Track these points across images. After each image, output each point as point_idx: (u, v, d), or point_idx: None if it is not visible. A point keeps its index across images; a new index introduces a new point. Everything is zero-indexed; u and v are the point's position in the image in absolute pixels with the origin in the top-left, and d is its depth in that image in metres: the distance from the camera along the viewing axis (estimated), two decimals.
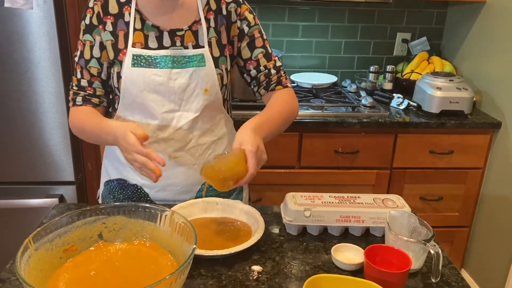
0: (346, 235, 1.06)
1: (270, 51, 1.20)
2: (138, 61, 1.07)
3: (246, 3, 1.19)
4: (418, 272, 0.93)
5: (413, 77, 2.30)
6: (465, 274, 2.29)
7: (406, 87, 2.29)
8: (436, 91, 2.00)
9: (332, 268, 0.94)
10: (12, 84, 1.71)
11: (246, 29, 1.16)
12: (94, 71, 1.12)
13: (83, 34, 1.11)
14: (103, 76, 1.13)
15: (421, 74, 2.25)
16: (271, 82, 1.19)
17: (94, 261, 0.86)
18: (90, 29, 1.10)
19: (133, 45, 1.08)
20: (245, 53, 1.18)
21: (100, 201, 1.28)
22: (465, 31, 2.31)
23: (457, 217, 2.19)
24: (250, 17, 1.17)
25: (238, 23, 1.15)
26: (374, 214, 1.03)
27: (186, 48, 1.10)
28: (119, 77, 1.09)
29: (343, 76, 2.53)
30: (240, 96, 2.02)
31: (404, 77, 2.34)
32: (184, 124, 1.11)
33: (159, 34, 1.09)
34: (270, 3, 2.37)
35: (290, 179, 2.04)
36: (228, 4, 1.14)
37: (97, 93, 1.13)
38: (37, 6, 1.63)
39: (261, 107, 1.98)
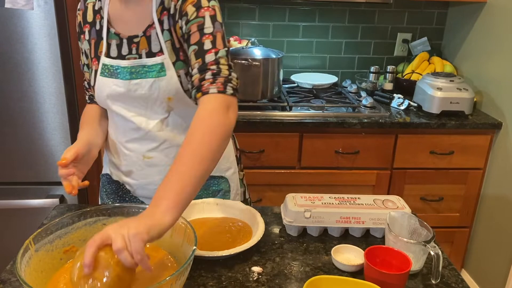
0: (346, 236, 1.06)
1: (207, 47, 0.95)
2: (103, 70, 1.06)
3: None
4: (418, 273, 0.93)
5: (414, 77, 2.30)
6: (465, 275, 2.29)
7: (406, 88, 2.29)
8: (436, 91, 2.00)
9: (332, 269, 0.94)
10: (13, 85, 1.71)
11: (184, 26, 0.99)
12: (87, 75, 1.15)
13: (78, 41, 1.15)
14: None
15: (421, 75, 2.25)
16: (192, 88, 0.96)
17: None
18: (79, 37, 1.14)
19: (100, 54, 1.07)
20: (187, 53, 1.01)
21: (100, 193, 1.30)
22: (465, 31, 2.31)
23: (457, 217, 2.19)
24: (191, 11, 0.97)
25: (179, 22, 1.00)
26: (374, 215, 1.03)
27: (140, 56, 1.03)
28: (93, 85, 1.11)
29: (343, 76, 2.53)
30: (240, 96, 2.02)
31: (405, 77, 2.34)
32: (153, 126, 1.08)
33: (119, 42, 1.05)
34: (271, 4, 2.37)
35: (290, 180, 2.04)
36: (177, 1, 1.00)
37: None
38: (38, 7, 1.63)
39: (262, 108, 1.99)
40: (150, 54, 1.03)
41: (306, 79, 2.36)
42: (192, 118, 0.94)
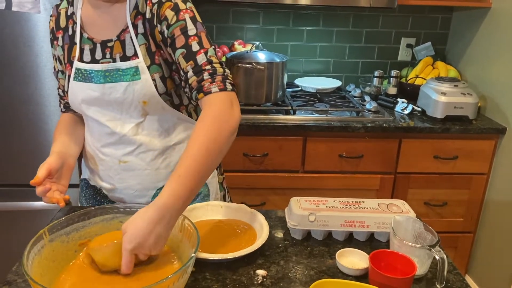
0: (350, 240, 1.06)
1: (195, 48, 0.97)
2: (77, 75, 1.06)
3: None
4: (423, 278, 0.93)
5: (418, 82, 2.30)
6: (469, 280, 2.28)
7: (410, 92, 2.29)
8: (440, 96, 2.00)
9: (337, 273, 0.94)
10: (19, 87, 1.72)
11: (165, 31, 0.99)
12: (62, 82, 1.14)
13: (51, 47, 1.15)
14: None
15: (425, 79, 2.25)
16: (192, 90, 0.98)
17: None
18: (52, 43, 1.14)
19: (72, 59, 1.07)
20: (173, 56, 1.01)
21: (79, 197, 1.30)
22: (470, 36, 2.31)
23: (461, 222, 2.18)
24: (170, 15, 0.98)
25: (159, 27, 1.00)
26: (379, 219, 1.03)
27: (114, 60, 1.03)
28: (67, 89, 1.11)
29: (347, 80, 2.54)
30: (244, 100, 2.03)
31: (409, 82, 2.34)
32: (129, 130, 1.07)
33: (93, 47, 1.05)
34: (275, 8, 2.38)
35: (294, 183, 2.04)
36: (153, 5, 1.01)
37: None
38: (44, 10, 1.64)
39: (266, 111, 1.99)
40: (125, 58, 1.03)
41: (310, 83, 2.37)
42: (167, 122, 1.08)
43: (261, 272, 0.92)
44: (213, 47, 0.99)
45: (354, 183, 2.06)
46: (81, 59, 1.06)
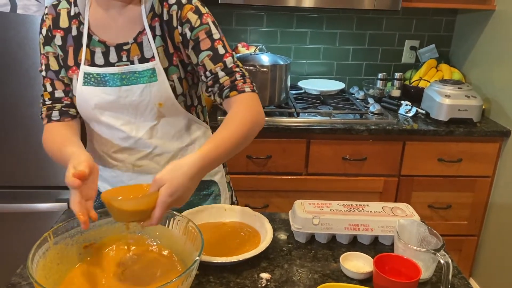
0: (354, 244, 1.05)
1: (221, 52, 1.03)
2: (88, 79, 1.03)
3: (193, 1, 1.04)
4: (427, 281, 0.93)
5: (422, 84, 2.29)
6: (473, 283, 2.27)
7: (414, 95, 2.29)
8: (444, 98, 2.00)
9: (341, 276, 0.94)
10: (24, 89, 1.73)
11: (188, 33, 1.02)
12: (67, 80, 1.08)
13: (44, 47, 1.07)
14: None
15: (429, 82, 2.25)
16: (224, 88, 1.03)
17: (106, 266, 0.87)
18: (49, 40, 1.07)
19: (79, 61, 1.04)
20: (193, 58, 1.04)
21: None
22: (474, 38, 2.31)
23: (465, 225, 2.17)
24: (193, 18, 1.01)
25: (179, 28, 1.02)
26: (383, 222, 1.03)
27: (133, 62, 1.02)
28: (73, 94, 1.07)
29: (351, 83, 2.54)
30: None
31: (412, 84, 2.33)
32: (143, 134, 1.07)
33: (105, 50, 1.03)
34: (278, 10, 2.38)
35: (297, 186, 2.04)
36: (170, 7, 1.02)
37: (74, 101, 1.08)
38: None
39: (270, 113, 1.99)
40: (143, 60, 1.03)
41: (314, 85, 2.37)
42: (180, 124, 1.09)
43: (265, 275, 0.92)
44: (233, 52, 1.07)
45: (357, 186, 2.05)
46: (92, 63, 1.04)
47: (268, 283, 0.90)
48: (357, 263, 0.96)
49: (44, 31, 1.07)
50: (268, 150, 1.97)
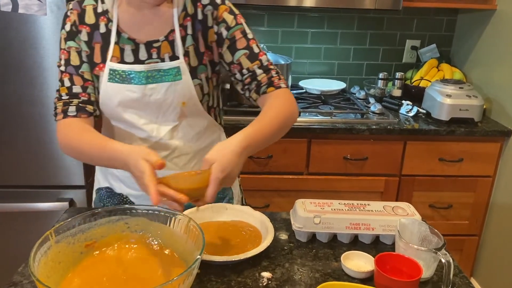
0: (355, 243, 1.05)
1: (256, 50, 1.08)
2: (113, 76, 1.03)
3: (226, 2, 1.08)
4: (428, 281, 0.93)
5: (422, 84, 2.29)
6: (474, 283, 2.26)
7: (415, 94, 2.29)
8: (445, 98, 2.00)
9: (342, 275, 0.94)
10: (25, 89, 1.73)
11: (224, 32, 1.06)
12: (88, 75, 1.06)
13: (66, 42, 1.06)
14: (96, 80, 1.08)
15: (430, 81, 2.25)
16: (261, 85, 1.07)
17: (108, 265, 0.87)
18: (72, 35, 1.06)
19: (111, 59, 1.03)
20: (227, 57, 1.08)
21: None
22: (475, 38, 2.31)
23: (466, 225, 2.17)
24: (229, 18, 1.06)
25: (215, 27, 1.06)
26: (384, 221, 1.03)
27: (163, 60, 1.04)
28: (98, 92, 1.07)
29: (352, 82, 2.54)
30: (248, 102, 2.02)
31: (413, 84, 2.33)
32: (164, 135, 1.08)
33: (135, 47, 1.04)
34: (280, 10, 2.38)
35: (299, 185, 2.04)
36: (204, 7, 1.05)
37: (92, 98, 1.07)
38: (50, 13, 1.65)
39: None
40: (174, 58, 1.04)
41: (315, 85, 2.37)
42: (199, 126, 1.11)
43: (266, 274, 0.92)
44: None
45: (358, 185, 2.05)
46: (121, 60, 1.04)
47: (269, 282, 0.90)
48: (358, 262, 0.96)
49: (67, 26, 1.06)
50: (269, 149, 1.98)
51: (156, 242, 0.92)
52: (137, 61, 1.04)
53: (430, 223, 0.98)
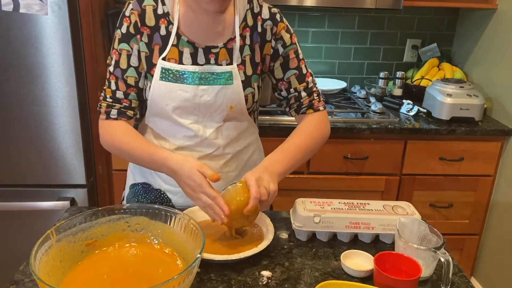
0: (355, 242, 1.06)
1: (305, 71, 1.16)
2: (166, 75, 1.05)
3: (284, 20, 1.15)
4: (428, 280, 0.93)
5: (423, 83, 2.29)
6: (474, 283, 2.27)
7: (416, 94, 2.29)
8: (446, 97, 2.00)
9: (342, 274, 0.94)
10: (26, 88, 1.74)
11: (281, 49, 1.13)
12: (131, 81, 1.09)
13: (119, 43, 1.07)
14: (140, 85, 1.10)
15: (431, 81, 2.24)
16: (302, 106, 1.16)
17: (108, 263, 0.88)
18: (127, 38, 1.07)
19: (168, 60, 1.06)
20: (278, 73, 1.15)
21: (124, 203, 1.28)
22: (476, 37, 2.30)
23: (467, 224, 2.17)
24: (286, 36, 1.13)
25: (273, 42, 1.12)
26: (384, 221, 1.03)
27: (220, 65, 1.07)
28: (148, 89, 1.09)
29: (352, 82, 2.54)
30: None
31: (414, 83, 2.33)
32: (210, 134, 1.11)
33: (193, 51, 1.06)
34: (280, 9, 2.37)
35: (299, 185, 2.04)
36: (264, 21, 1.11)
37: (133, 105, 1.10)
38: (51, 12, 1.66)
39: (272, 112, 1.99)
40: (229, 64, 1.08)
41: None
42: (241, 127, 1.16)
43: (266, 273, 0.93)
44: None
45: (359, 185, 2.06)
46: (179, 62, 1.06)
47: (269, 281, 0.91)
48: (358, 261, 0.96)
49: (124, 27, 1.07)
50: (269, 149, 1.96)
51: (156, 241, 0.93)
52: (195, 64, 1.07)
53: (431, 223, 0.98)
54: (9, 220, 1.89)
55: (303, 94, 1.16)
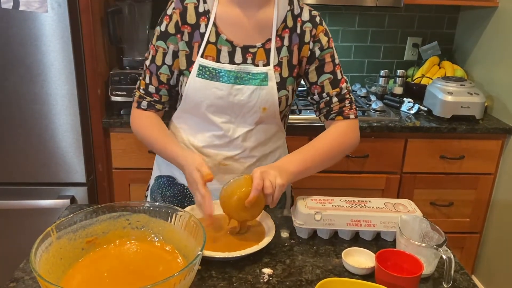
0: (356, 239, 1.05)
1: (339, 77, 1.14)
2: (202, 72, 1.06)
3: (323, 23, 1.14)
4: (429, 277, 0.93)
5: (424, 81, 2.29)
6: (475, 281, 2.26)
7: (416, 92, 2.28)
8: (447, 95, 1.99)
9: (343, 272, 0.94)
10: (26, 86, 1.73)
11: (317, 52, 1.12)
12: (163, 78, 1.12)
13: (157, 40, 1.10)
14: (172, 82, 1.13)
15: (431, 79, 2.24)
16: (331, 112, 1.15)
17: (109, 261, 0.87)
18: (165, 36, 1.09)
19: (205, 58, 1.07)
20: (312, 76, 1.14)
21: (148, 194, 1.29)
22: (476, 35, 2.30)
23: (468, 223, 2.17)
24: (324, 40, 1.12)
25: (311, 44, 1.11)
26: (385, 218, 1.02)
27: (257, 66, 1.07)
28: (181, 92, 1.11)
29: (353, 80, 2.53)
30: None
31: (415, 81, 2.33)
32: (239, 136, 1.11)
33: (231, 50, 1.07)
34: None
35: (300, 183, 2.02)
36: (304, 23, 1.11)
37: (163, 100, 1.14)
38: (51, 10, 1.65)
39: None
40: (266, 65, 1.08)
41: None
42: (270, 131, 1.15)
43: (267, 270, 0.92)
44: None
45: (360, 183, 2.05)
46: (217, 60, 1.06)
47: (270, 278, 0.90)
48: (359, 259, 0.96)
49: (163, 25, 1.09)
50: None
51: (157, 239, 0.92)
52: (232, 62, 1.08)
53: (431, 221, 0.98)
54: (9, 219, 1.89)
55: (334, 99, 1.14)
